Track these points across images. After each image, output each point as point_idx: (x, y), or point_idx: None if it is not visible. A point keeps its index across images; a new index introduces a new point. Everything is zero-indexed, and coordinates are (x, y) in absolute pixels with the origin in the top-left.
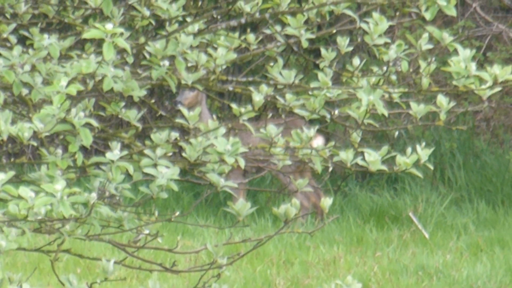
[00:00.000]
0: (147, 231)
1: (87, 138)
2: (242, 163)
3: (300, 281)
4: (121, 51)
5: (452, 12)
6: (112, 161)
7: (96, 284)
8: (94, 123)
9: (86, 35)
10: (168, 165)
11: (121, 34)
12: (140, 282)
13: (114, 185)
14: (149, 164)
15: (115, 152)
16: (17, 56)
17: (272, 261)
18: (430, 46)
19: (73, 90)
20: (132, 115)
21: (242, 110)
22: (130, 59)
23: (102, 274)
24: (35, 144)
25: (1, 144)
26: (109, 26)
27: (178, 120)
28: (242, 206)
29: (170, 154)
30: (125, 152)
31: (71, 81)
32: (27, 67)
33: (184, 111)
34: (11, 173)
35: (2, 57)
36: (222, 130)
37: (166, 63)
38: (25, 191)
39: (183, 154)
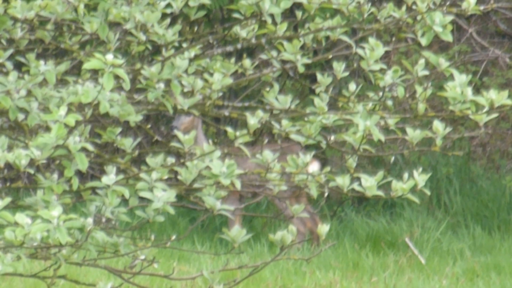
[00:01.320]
0: (143, 257)
1: (82, 163)
2: (238, 185)
3: None
4: (117, 76)
5: (448, 37)
6: (108, 186)
7: None
8: (90, 147)
9: (86, 65)
10: (164, 188)
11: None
12: None
13: (110, 209)
14: (145, 187)
15: (110, 177)
16: (13, 81)
17: (268, 286)
18: (426, 73)
19: (72, 120)
20: (128, 143)
21: (237, 134)
22: (127, 86)
23: None
24: (31, 171)
25: None
26: (109, 57)
27: (174, 144)
28: (237, 233)
29: (166, 178)
30: (120, 177)
31: (68, 108)
32: (23, 92)
33: (180, 135)
34: (8, 199)
35: None
36: (218, 153)
37: (162, 85)
38: (21, 217)
39: (179, 177)
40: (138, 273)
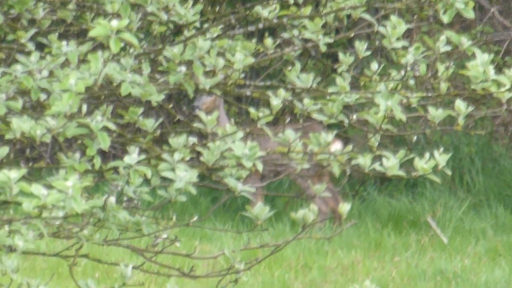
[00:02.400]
0: (165, 236)
1: (104, 142)
2: (260, 167)
3: (318, 286)
4: (138, 56)
5: (470, 14)
6: (130, 165)
7: None
8: (112, 126)
9: (91, 33)
10: (186, 169)
11: (130, 29)
12: (158, 286)
13: (132, 189)
14: (167, 168)
15: (133, 156)
16: (35, 62)
17: (290, 265)
18: (448, 48)
19: (81, 86)
20: (150, 124)
21: (260, 114)
22: (147, 67)
23: (120, 279)
24: (47, 141)
25: (14, 143)
26: (114, 22)
27: (196, 125)
28: (260, 210)
29: (188, 159)
30: (143, 156)
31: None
32: (45, 73)
33: (202, 115)
34: (23, 170)
35: (20, 63)
36: (240, 134)
37: (183, 68)
38: (37, 188)
39: (201, 159)
40: (160, 252)
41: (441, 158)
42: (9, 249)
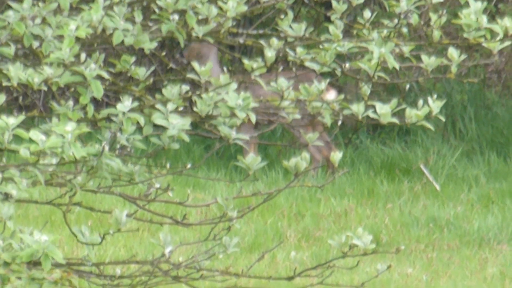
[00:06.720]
0: (158, 185)
1: (98, 90)
2: (253, 118)
3: (311, 233)
4: (131, 4)
5: None
6: (123, 113)
7: (108, 235)
8: (105, 75)
9: None
10: (179, 118)
11: None
12: (152, 234)
13: (125, 137)
14: (160, 118)
15: (126, 104)
16: (27, 8)
17: (283, 213)
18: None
19: (82, 33)
20: (142, 72)
21: (254, 65)
22: (139, 15)
23: (115, 225)
24: (45, 89)
25: (12, 91)
26: None
27: (189, 75)
28: (252, 160)
29: (181, 108)
30: (136, 104)
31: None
32: (38, 20)
33: (196, 66)
34: (22, 117)
35: (12, 9)
36: (234, 85)
37: (176, 17)
38: (36, 134)
39: (194, 109)
40: (153, 200)
41: (435, 104)
42: (4, 196)
